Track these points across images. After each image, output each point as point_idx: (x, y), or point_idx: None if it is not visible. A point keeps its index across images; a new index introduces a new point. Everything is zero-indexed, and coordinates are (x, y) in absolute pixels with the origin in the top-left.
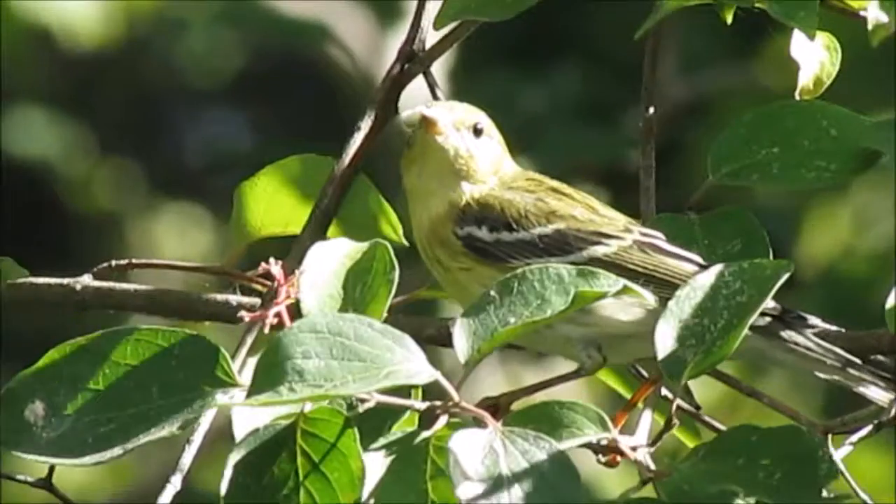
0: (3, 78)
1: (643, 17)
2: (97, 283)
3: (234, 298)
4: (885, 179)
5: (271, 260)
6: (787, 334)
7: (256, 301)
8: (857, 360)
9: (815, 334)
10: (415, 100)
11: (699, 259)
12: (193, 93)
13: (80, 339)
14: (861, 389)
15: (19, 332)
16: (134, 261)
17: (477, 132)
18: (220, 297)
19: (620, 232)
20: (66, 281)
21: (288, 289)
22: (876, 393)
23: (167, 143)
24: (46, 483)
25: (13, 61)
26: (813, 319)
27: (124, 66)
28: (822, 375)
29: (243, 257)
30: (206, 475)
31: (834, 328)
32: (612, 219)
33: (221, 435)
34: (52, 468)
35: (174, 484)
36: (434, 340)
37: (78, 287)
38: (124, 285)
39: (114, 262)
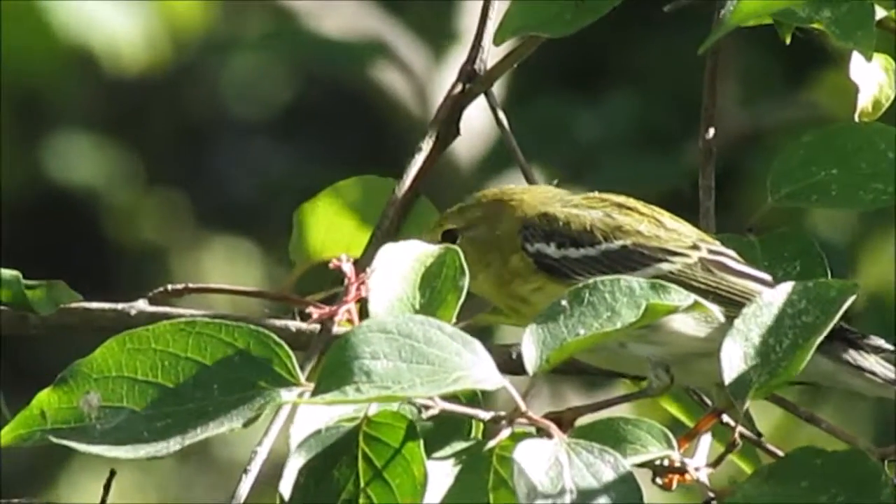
0: (46, 103)
1: (698, 42)
2: (152, 308)
3: (294, 324)
4: None
5: (343, 256)
6: (855, 359)
7: (316, 327)
8: None
9: (882, 357)
10: (474, 119)
11: (767, 277)
12: (242, 122)
13: (140, 329)
14: None
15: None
16: (190, 285)
17: (451, 238)
18: (278, 322)
19: (687, 249)
20: (119, 306)
21: (359, 286)
22: None
23: (215, 174)
24: None
25: (57, 85)
26: (878, 340)
27: (170, 92)
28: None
29: (298, 285)
30: None
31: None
32: (679, 234)
33: (276, 468)
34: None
35: None
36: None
37: (132, 312)
38: (180, 310)
39: (170, 287)
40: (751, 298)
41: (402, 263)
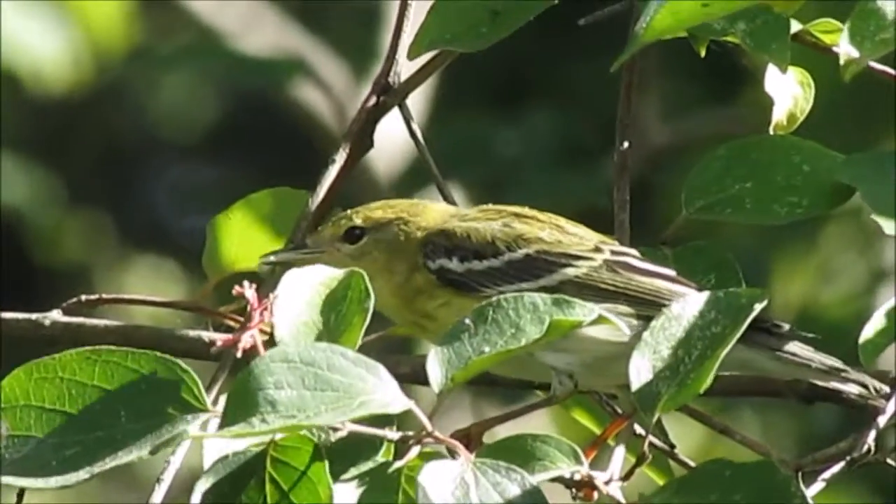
0: None
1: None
2: (66, 319)
3: (207, 334)
4: (851, 232)
5: (245, 283)
6: (772, 342)
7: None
8: (842, 365)
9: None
10: (394, 134)
11: (672, 273)
12: (166, 141)
13: (47, 358)
14: (849, 391)
15: None
16: (104, 296)
17: (352, 237)
18: (192, 332)
19: (590, 252)
20: (34, 316)
21: (262, 313)
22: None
23: (139, 194)
24: None
25: None
26: (790, 328)
27: (95, 112)
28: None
29: (214, 295)
30: None
31: (810, 336)
32: (581, 237)
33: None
34: None
35: None
36: (408, 378)
37: (47, 322)
38: (94, 321)
39: (83, 297)
40: (659, 296)
41: (307, 288)
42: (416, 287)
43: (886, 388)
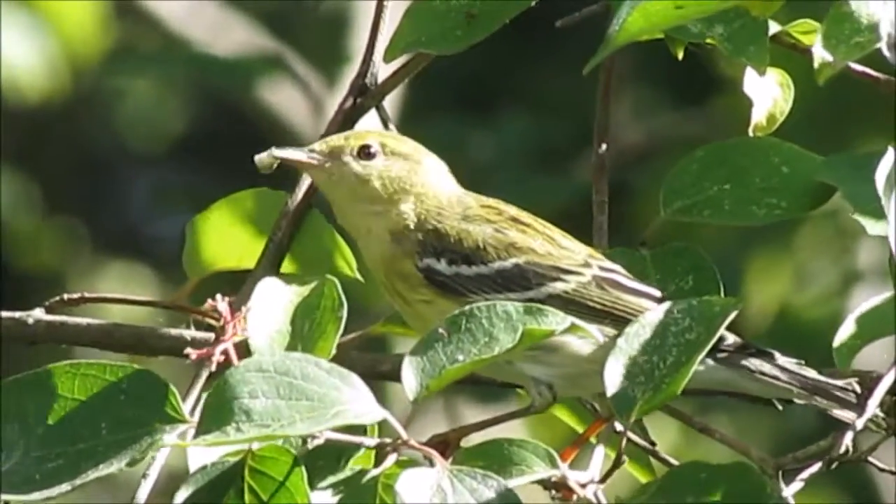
0: None
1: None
2: (49, 317)
3: (188, 333)
4: (826, 235)
5: (218, 296)
6: (752, 364)
7: (210, 336)
8: (824, 381)
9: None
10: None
11: (658, 293)
12: (139, 148)
13: (27, 373)
14: (834, 413)
15: None
16: (87, 294)
17: (366, 155)
18: (173, 331)
19: (579, 267)
20: (17, 314)
21: (235, 325)
22: (848, 415)
23: (112, 201)
24: None
25: None
26: (773, 352)
27: (69, 121)
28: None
29: (196, 293)
30: None
31: (793, 360)
32: (571, 251)
33: (174, 476)
34: None
35: None
36: (389, 376)
37: (30, 321)
38: (77, 319)
39: (66, 296)
40: None
41: (280, 298)
42: (400, 269)
43: (855, 418)
